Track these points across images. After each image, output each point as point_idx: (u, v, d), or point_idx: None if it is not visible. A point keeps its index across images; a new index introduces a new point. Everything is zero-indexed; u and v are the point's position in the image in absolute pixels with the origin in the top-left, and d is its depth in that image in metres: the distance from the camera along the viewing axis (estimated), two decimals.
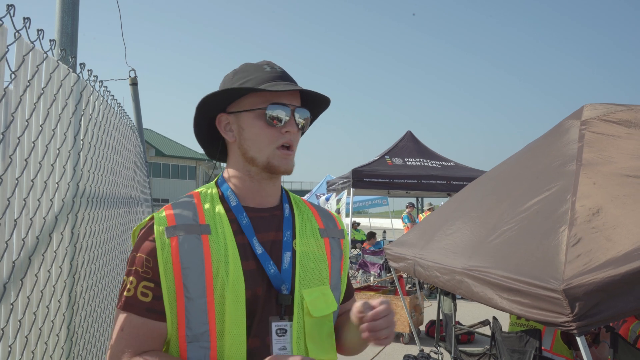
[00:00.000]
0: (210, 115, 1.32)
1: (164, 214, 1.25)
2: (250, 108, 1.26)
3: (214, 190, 1.33)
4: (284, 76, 1.29)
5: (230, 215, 1.27)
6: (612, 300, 2.32)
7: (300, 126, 1.28)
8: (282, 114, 1.25)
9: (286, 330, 1.23)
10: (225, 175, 1.34)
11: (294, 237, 1.31)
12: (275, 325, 1.23)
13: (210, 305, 1.18)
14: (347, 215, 11.15)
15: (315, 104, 1.36)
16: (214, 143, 1.39)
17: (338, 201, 12.67)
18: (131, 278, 1.21)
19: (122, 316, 1.20)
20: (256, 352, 1.20)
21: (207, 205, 1.28)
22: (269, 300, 1.23)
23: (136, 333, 1.18)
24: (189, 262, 1.18)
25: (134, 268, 1.21)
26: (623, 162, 3.08)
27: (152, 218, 1.25)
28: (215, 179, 1.38)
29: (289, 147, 1.26)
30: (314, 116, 1.41)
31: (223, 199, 1.30)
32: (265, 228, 1.29)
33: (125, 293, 1.21)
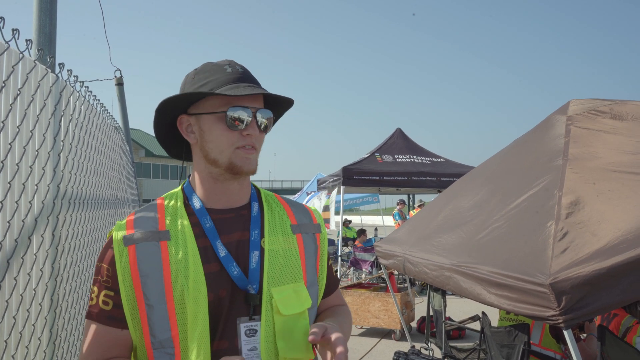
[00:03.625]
0: (171, 116, 1.31)
1: (124, 222, 1.26)
2: (211, 111, 1.24)
3: (180, 194, 1.32)
4: (244, 77, 1.26)
5: (192, 219, 1.26)
6: (598, 293, 2.33)
7: (262, 127, 1.26)
8: (243, 116, 1.22)
9: (256, 331, 1.21)
10: (191, 177, 1.33)
11: (262, 235, 1.29)
12: (244, 326, 1.21)
13: (171, 311, 1.18)
14: (337, 213, 11.14)
15: (278, 103, 1.35)
16: (178, 144, 1.37)
17: (328, 198, 12.64)
18: (95, 287, 1.24)
19: (87, 325, 1.24)
20: (224, 354, 1.18)
21: (169, 210, 1.27)
22: (235, 302, 1.22)
23: (100, 341, 1.21)
24: (147, 270, 1.19)
25: (97, 277, 1.24)
26: (609, 158, 3.10)
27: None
28: (182, 183, 1.36)
29: (251, 147, 1.25)
30: (277, 115, 1.40)
31: (187, 203, 1.29)
32: (231, 229, 1.27)
33: (90, 302, 1.24)
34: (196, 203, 1.28)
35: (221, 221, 1.27)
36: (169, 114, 1.30)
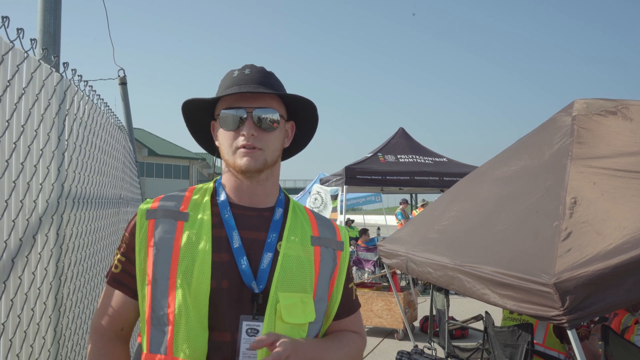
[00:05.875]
0: (202, 123, 1.40)
1: (152, 199, 1.35)
2: (216, 115, 1.32)
3: (211, 185, 1.38)
4: (246, 79, 1.29)
5: (214, 210, 1.31)
6: (602, 293, 2.32)
7: (263, 126, 1.27)
8: (232, 116, 1.27)
9: (258, 331, 1.21)
10: (223, 174, 1.39)
11: (279, 239, 1.30)
12: (246, 324, 1.22)
13: (172, 288, 1.21)
14: (340, 213, 11.13)
15: (302, 107, 1.36)
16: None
17: (334, 198, 12.59)
18: (115, 252, 1.35)
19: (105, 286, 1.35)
20: (222, 347, 1.20)
21: (196, 197, 1.34)
22: (241, 297, 1.23)
23: (108, 302, 1.31)
24: (160, 244, 1.25)
25: (120, 244, 1.34)
26: (613, 157, 3.09)
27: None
28: (217, 177, 1.43)
29: (251, 147, 1.26)
30: (306, 122, 1.41)
31: (214, 194, 1.35)
32: (249, 226, 1.30)
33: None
34: (221, 196, 1.33)
35: (241, 217, 1.31)
36: (202, 124, 1.39)
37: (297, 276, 1.27)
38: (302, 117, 1.40)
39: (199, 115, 1.38)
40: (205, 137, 1.43)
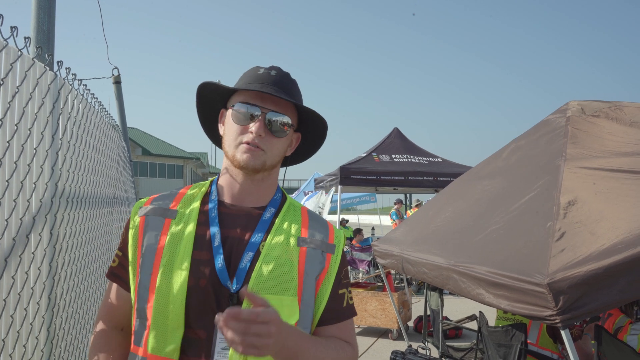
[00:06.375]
0: (214, 110, 1.40)
1: (147, 197, 1.37)
2: (230, 105, 1.32)
3: (207, 183, 1.39)
4: (271, 80, 1.29)
5: (204, 207, 1.32)
6: (595, 293, 2.33)
7: (272, 129, 1.27)
8: (246, 111, 1.27)
9: None
10: (221, 175, 1.39)
11: (265, 239, 1.28)
12: None
13: (153, 282, 1.23)
14: (335, 213, 11.15)
15: (314, 123, 1.37)
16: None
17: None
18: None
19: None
20: (198, 344, 1.20)
21: (188, 195, 1.35)
22: (215, 295, 1.21)
23: (108, 295, 1.36)
24: (148, 241, 1.27)
25: (120, 240, 1.38)
26: (606, 158, 3.11)
27: None
28: (214, 177, 1.43)
29: (255, 146, 1.26)
30: (313, 135, 1.42)
31: (207, 193, 1.36)
32: (235, 225, 1.30)
33: None
34: (213, 194, 1.34)
35: (229, 215, 1.30)
36: (212, 108, 1.40)
37: (277, 277, 1.23)
38: (310, 132, 1.41)
39: (212, 100, 1.39)
40: (210, 123, 1.44)
